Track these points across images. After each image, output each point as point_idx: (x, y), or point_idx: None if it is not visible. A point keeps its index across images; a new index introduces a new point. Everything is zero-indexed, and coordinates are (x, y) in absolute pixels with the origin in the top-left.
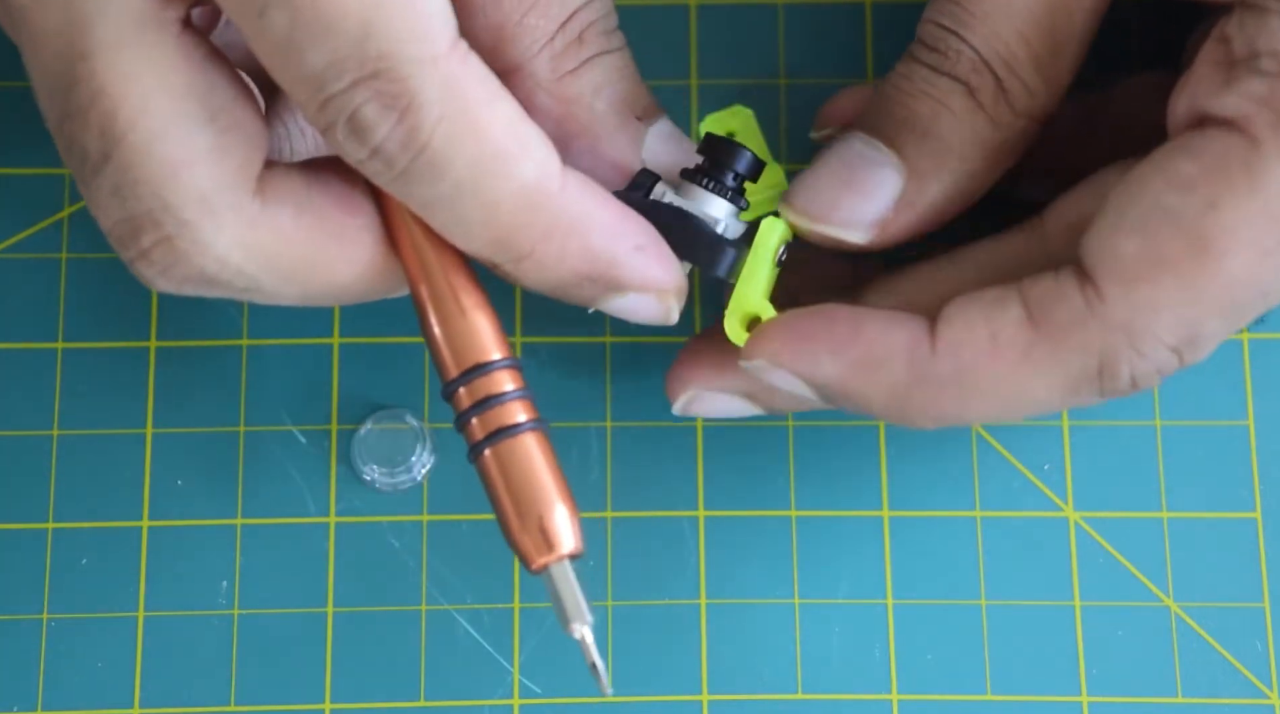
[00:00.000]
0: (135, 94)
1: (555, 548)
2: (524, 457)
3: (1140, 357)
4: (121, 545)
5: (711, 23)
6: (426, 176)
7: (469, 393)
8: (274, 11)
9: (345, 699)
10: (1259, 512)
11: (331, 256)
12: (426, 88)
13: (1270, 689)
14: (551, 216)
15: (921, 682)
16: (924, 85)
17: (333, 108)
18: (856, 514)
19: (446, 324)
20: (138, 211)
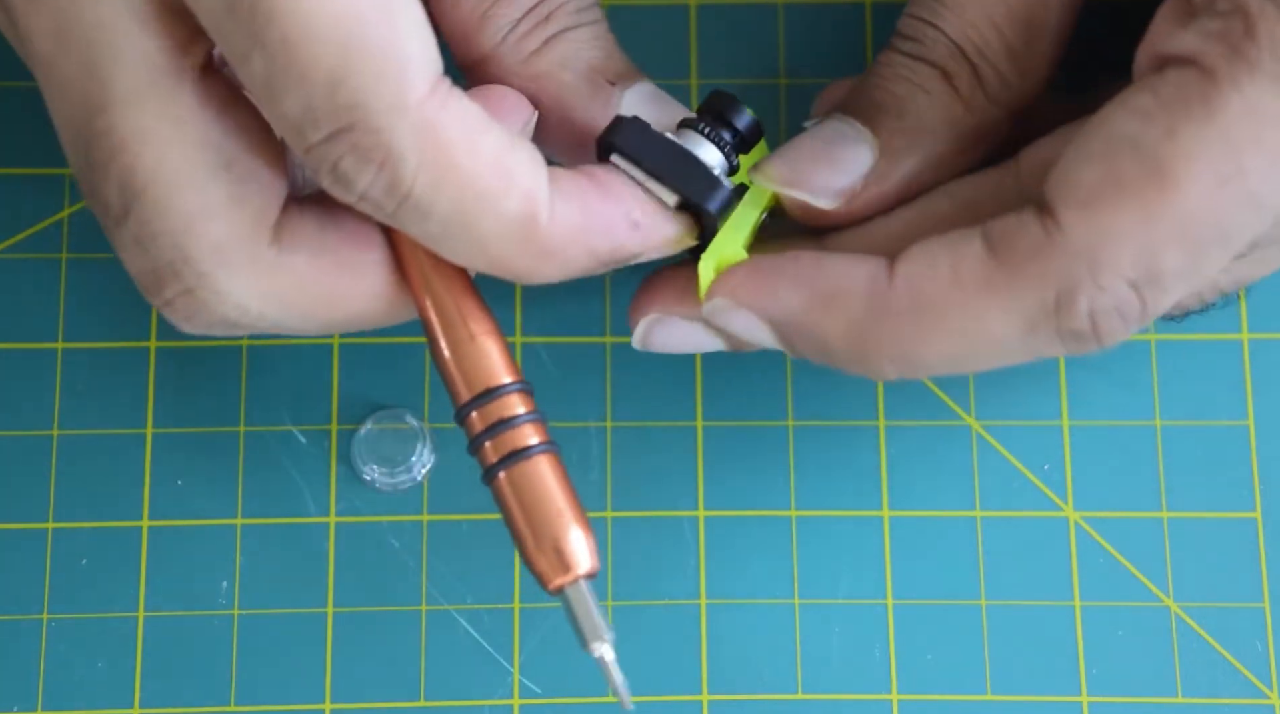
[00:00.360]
0: (152, 148)
1: (572, 568)
2: (538, 479)
3: (1099, 289)
4: (121, 545)
5: (711, 23)
6: (414, 218)
7: (481, 417)
8: (253, 56)
9: (345, 699)
10: (1259, 512)
11: (348, 293)
12: (401, 138)
13: (1270, 689)
14: (544, 243)
15: (921, 682)
16: (902, 71)
17: (314, 157)
18: (856, 514)
19: (457, 350)
20: (159, 263)
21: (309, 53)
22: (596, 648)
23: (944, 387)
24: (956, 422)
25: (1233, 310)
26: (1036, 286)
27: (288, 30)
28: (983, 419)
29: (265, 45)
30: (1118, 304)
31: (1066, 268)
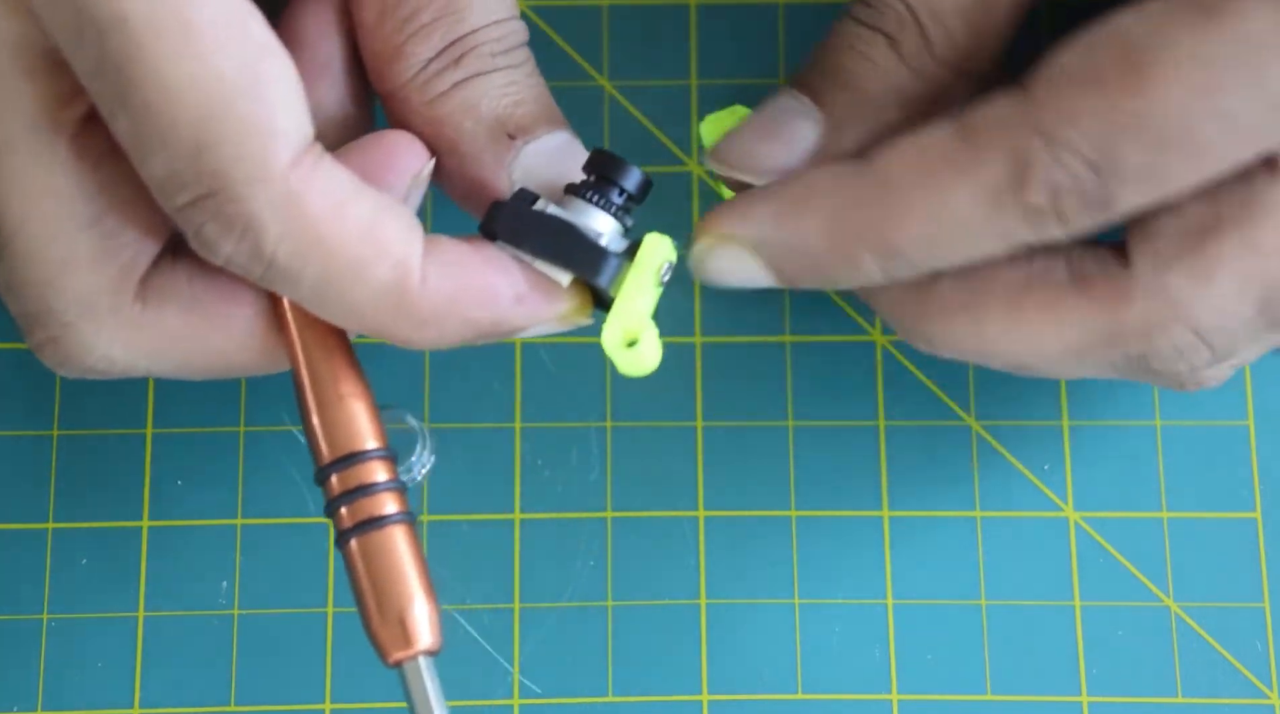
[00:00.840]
0: (20, 198)
1: (413, 643)
2: (389, 549)
3: (1056, 164)
4: (121, 545)
5: (711, 23)
6: (283, 284)
7: (340, 481)
8: (119, 115)
9: (345, 699)
10: (1259, 512)
11: (217, 346)
12: (262, 209)
13: (1270, 689)
14: (418, 310)
15: (921, 682)
16: (850, 39)
17: (179, 219)
18: (856, 514)
19: (323, 410)
20: (27, 310)
21: (170, 118)
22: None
23: (944, 387)
24: (956, 422)
25: None
26: (1000, 157)
27: (150, 96)
28: (983, 419)
29: (129, 108)
30: (1076, 184)
31: (1025, 139)
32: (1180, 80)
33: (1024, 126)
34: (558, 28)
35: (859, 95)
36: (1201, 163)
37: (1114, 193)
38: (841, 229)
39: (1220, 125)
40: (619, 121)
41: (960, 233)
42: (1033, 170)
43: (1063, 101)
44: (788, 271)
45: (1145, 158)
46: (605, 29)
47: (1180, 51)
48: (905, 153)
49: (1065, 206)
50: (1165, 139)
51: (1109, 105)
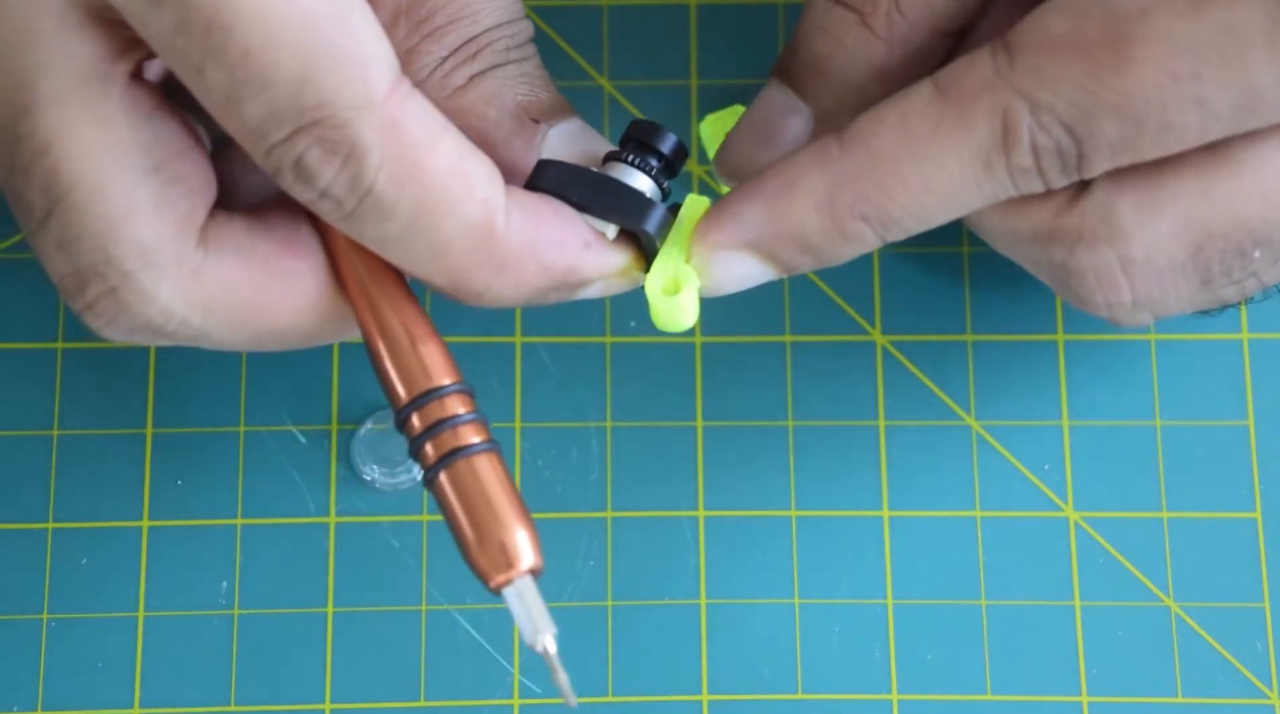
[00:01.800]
0: (77, 150)
1: (515, 564)
2: (480, 477)
3: (1039, 127)
4: (121, 545)
5: (711, 23)
6: (375, 218)
7: (421, 418)
8: (211, 69)
9: (345, 699)
10: (1259, 512)
11: (277, 301)
12: (365, 133)
13: (1270, 689)
14: (501, 253)
15: (921, 682)
16: (821, 20)
17: (276, 155)
18: (856, 514)
19: (396, 353)
20: (82, 265)
21: (271, 61)
22: (540, 641)
23: (944, 387)
24: (956, 422)
25: (1233, 311)
26: (985, 120)
27: (248, 42)
28: (983, 419)
29: (225, 58)
30: (1057, 145)
31: (1011, 101)
32: (1161, 64)
33: (1007, 89)
34: (558, 28)
35: (839, 82)
36: (1173, 142)
37: (1088, 158)
38: (835, 207)
39: (1196, 112)
40: (619, 121)
41: (952, 195)
42: (1018, 132)
43: (1045, 67)
44: (787, 260)
45: (1120, 132)
46: (605, 29)
47: (1164, 35)
48: (888, 122)
49: (1046, 165)
50: (1141, 118)
51: (1090, 77)
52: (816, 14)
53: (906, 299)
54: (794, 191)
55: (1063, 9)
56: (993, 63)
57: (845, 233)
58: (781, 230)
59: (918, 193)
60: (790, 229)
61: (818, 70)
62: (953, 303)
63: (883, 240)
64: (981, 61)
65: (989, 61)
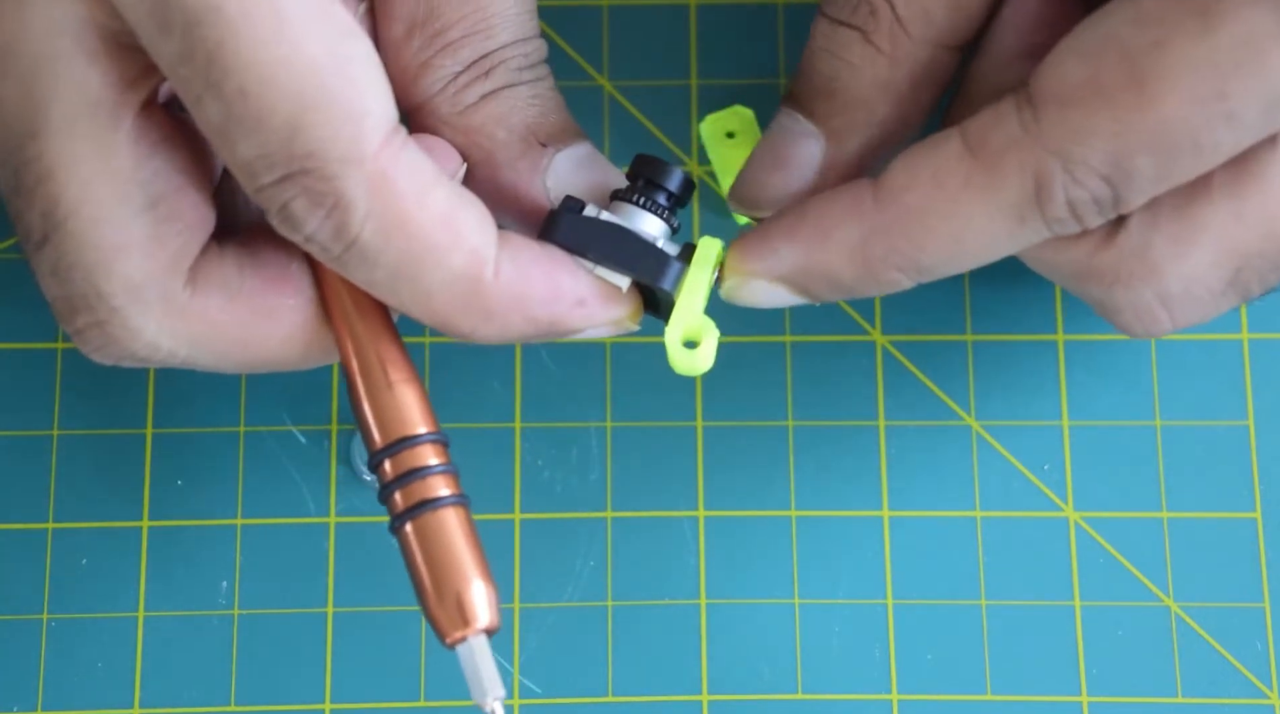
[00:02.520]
0: (78, 180)
1: (471, 623)
2: (444, 531)
3: (1073, 182)
4: (121, 545)
5: (711, 23)
6: (360, 265)
7: (393, 466)
8: (208, 102)
9: (345, 699)
10: (1259, 512)
11: (263, 336)
12: (352, 188)
13: (1270, 689)
14: (487, 301)
15: (921, 682)
16: (825, 43)
17: (264, 197)
18: (856, 514)
19: (374, 396)
20: (73, 293)
21: (266, 103)
22: (487, 704)
23: (944, 387)
24: (956, 422)
25: (1233, 311)
26: (1016, 178)
27: (245, 82)
28: (983, 419)
29: (221, 94)
30: (1093, 196)
31: (1040, 160)
32: (1185, 90)
33: (1036, 147)
34: (558, 28)
35: (847, 101)
36: (1208, 161)
37: (1125, 199)
38: (868, 257)
39: (1226, 128)
40: (619, 121)
41: (985, 246)
42: (1051, 189)
43: (1072, 120)
44: (818, 295)
45: (1156, 167)
46: (605, 29)
47: (1182, 64)
48: (920, 177)
49: (1082, 213)
50: (1175, 147)
51: (1117, 121)
52: (821, 37)
53: (906, 299)
54: (829, 238)
55: (1078, 53)
56: (1018, 118)
57: (877, 278)
58: (815, 271)
59: (949, 245)
60: (824, 271)
61: (826, 92)
62: (953, 303)
63: (916, 283)
64: (1007, 117)
65: (1014, 117)
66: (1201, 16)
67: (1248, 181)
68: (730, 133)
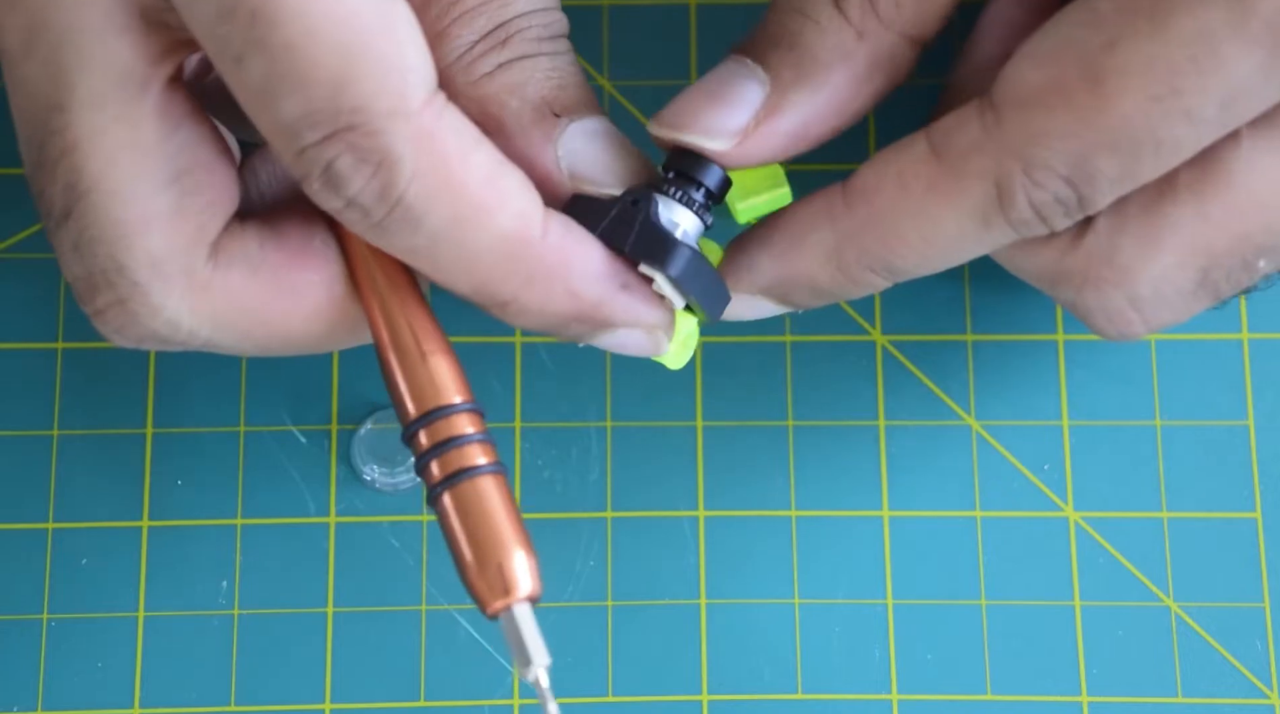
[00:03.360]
0: (103, 153)
1: (513, 591)
2: (482, 499)
3: (1034, 185)
4: (121, 545)
5: (711, 23)
6: (403, 229)
7: (429, 435)
8: (250, 60)
9: (345, 699)
10: (1259, 512)
11: (285, 313)
12: (399, 143)
13: (1270, 689)
14: (532, 264)
15: (921, 682)
16: (796, 3)
17: (307, 159)
18: (856, 514)
19: (407, 368)
20: (94, 270)
21: (312, 57)
22: (532, 672)
23: (944, 386)
24: (956, 422)
25: (1233, 310)
26: (979, 182)
27: (291, 36)
28: (983, 419)
29: (266, 49)
30: (1055, 197)
31: (1002, 163)
32: (1141, 89)
33: (998, 150)
34: None
35: (804, 55)
36: (1169, 159)
37: (1089, 199)
38: (841, 261)
39: (1185, 124)
40: (619, 121)
41: (954, 247)
42: (1012, 191)
43: (1032, 124)
44: (800, 302)
45: (1118, 166)
46: (605, 29)
47: (1136, 62)
48: (886, 179)
49: (1047, 215)
50: (1135, 146)
51: (1077, 123)
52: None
53: (906, 299)
54: (803, 245)
55: (1037, 58)
56: (980, 122)
57: (854, 280)
58: (793, 279)
59: (919, 247)
60: (801, 278)
61: (786, 44)
62: (953, 303)
63: (893, 283)
64: (970, 120)
65: (977, 120)
66: (1153, 16)
67: (1212, 180)
68: None
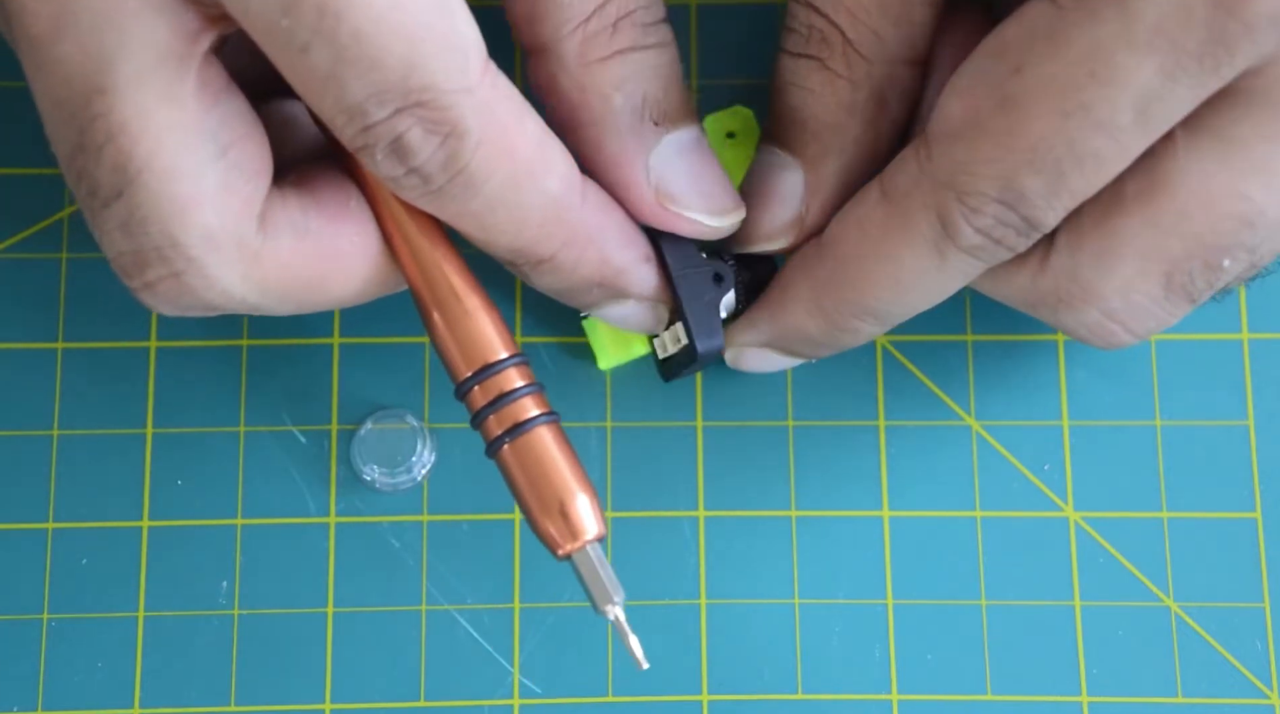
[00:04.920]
0: (151, 133)
1: (580, 534)
2: (541, 449)
3: (972, 211)
4: (121, 545)
5: (711, 23)
6: (462, 194)
7: (483, 392)
8: (317, 49)
9: (345, 699)
10: (1259, 512)
11: (330, 274)
12: (467, 116)
13: (1270, 689)
14: (573, 227)
15: (921, 682)
16: (788, 77)
17: (374, 133)
18: (856, 514)
19: (454, 327)
20: (145, 247)
21: (381, 43)
22: (610, 610)
23: (944, 386)
24: (956, 422)
25: (1233, 310)
26: (923, 217)
27: (359, 24)
28: (983, 419)
29: (334, 39)
30: (997, 219)
31: (940, 195)
32: (1051, 109)
33: (933, 185)
34: None
35: (816, 128)
36: (1100, 168)
37: (1034, 216)
38: (824, 310)
39: (1102, 136)
40: None
41: (924, 284)
42: (953, 221)
43: (957, 154)
44: (803, 353)
45: (1045, 183)
46: None
47: (1040, 83)
48: (849, 228)
49: (999, 237)
50: (1056, 162)
51: (997, 148)
52: (784, 72)
53: None
54: (787, 299)
55: (958, 91)
56: (916, 160)
57: (841, 327)
58: (787, 332)
59: (890, 288)
60: (794, 331)
61: (797, 122)
62: (953, 303)
63: (884, 328)
64: (909, 160)
65: (914, 160)
66: (1051, 37)
67: (1156, 187)
68: (730, 133)
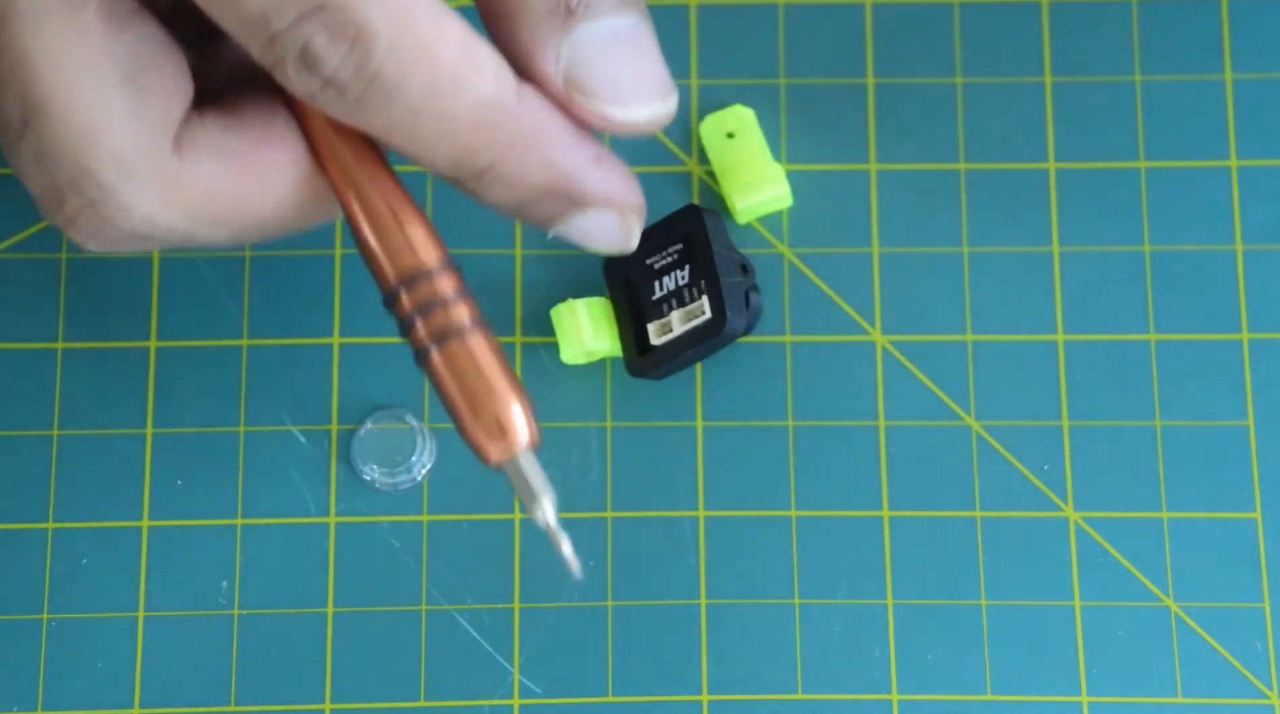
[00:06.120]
0: (54, 62)
1: (513, 441)
2: (472, 356)
3: None
4: (121, 545)
5: (711, 23)
6: (381, 102)
7: (411, 299)
8: None
9: (345, 699)
10: (1259, 512)
11: (256, 196)
12: (374, 18)
13: (1270, 689)
14: (510, 130)
15: (921, 682)
16: None
17: (280, 44)
18: (856, 514)
19: (381, 234)
20: (60, 178)
21: None
22: (540, 513)
23: (944, 387)
24: (956, 422)
25: (1233, 310)
26: None
27: None
28: (983, 419)
29: None
30: None
31: None
32: None
33: None
34: None
35: None
36: None
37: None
38: None
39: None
40: None
41: None
42: None
43: None
44: None
45: None
46: None
47: None
48: None
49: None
50: None
51: None
52: None
53: (906, 299)
54: None
55: None
56: None
57: None
58: None
59: None
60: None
61: None
62: (953, 303)
63: None
64: None
65: None
66: None
67: None
68: (730, 133)
